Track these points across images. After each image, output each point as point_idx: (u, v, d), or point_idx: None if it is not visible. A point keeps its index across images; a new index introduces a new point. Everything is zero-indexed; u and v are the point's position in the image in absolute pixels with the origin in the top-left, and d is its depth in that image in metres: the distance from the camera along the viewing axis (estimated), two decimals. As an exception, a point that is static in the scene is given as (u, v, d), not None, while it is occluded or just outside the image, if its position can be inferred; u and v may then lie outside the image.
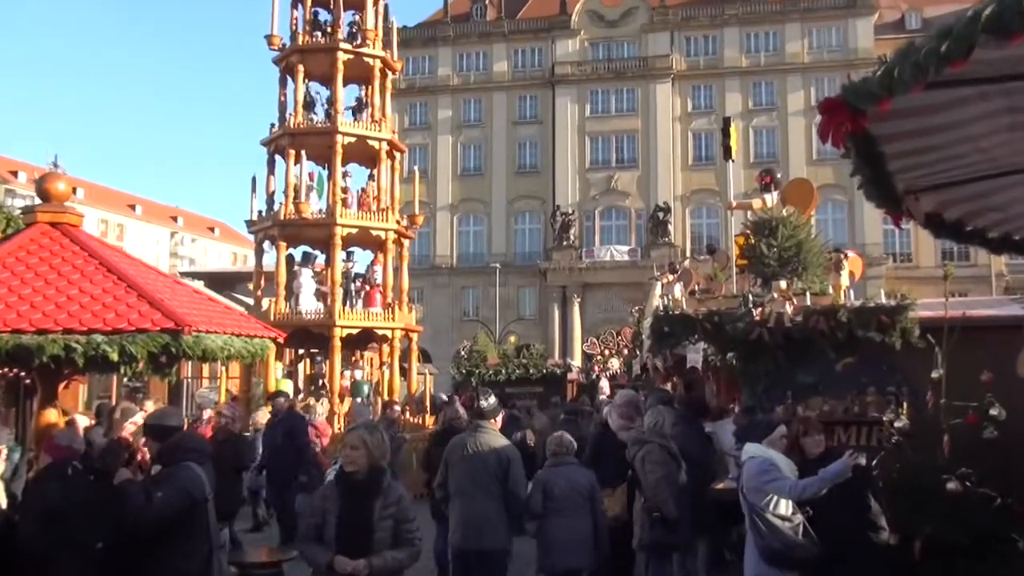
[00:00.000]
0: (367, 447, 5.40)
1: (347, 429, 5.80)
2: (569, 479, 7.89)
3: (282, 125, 18.62)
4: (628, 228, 56.58)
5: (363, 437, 5.43)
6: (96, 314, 7.38)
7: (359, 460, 5.38)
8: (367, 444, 5.41)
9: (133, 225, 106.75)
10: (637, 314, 22.66)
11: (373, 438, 5.45)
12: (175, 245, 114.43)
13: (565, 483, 7.84)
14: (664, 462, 8.13)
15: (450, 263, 58.52)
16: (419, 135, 59.55)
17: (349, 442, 5.47)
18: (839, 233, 51.84)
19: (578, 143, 57.22)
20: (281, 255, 18.02)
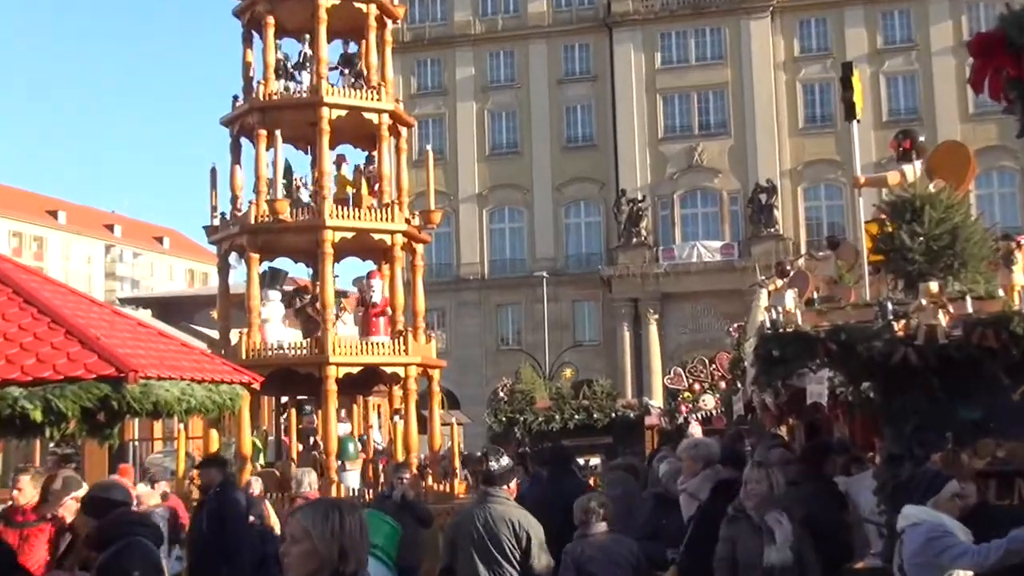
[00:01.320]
0: (313, 542, 4.45)
1: (289, 513, 4.90)
2: (607, 552, 7.98)
3: (248, 98, 18.75)
4: (720, 217, 56.35)
5: (306, 526, 4.47)
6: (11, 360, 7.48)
7: (300, 563, 4.45)
8: (313, 537, 4.46)
9: (55, 238, 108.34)
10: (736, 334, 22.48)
11: (325, 526, 4.48)
12: (112, 262, 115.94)
13: (602, 557, 7.93)
14: None
15: (480, 273, 58.64)
16: (432, 103, 59.85)
17: (288, 534, 4.58)
18: (1008, 212, 51.28)
19: (647, 105, 57.17)
20: (254, 271, 18.10)
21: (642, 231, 55.55)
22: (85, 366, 7.45)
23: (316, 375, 17.46)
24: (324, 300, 17.78)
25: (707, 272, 54.25)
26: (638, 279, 55.18)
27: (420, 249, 19.73)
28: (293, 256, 19.81)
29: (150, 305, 53.28)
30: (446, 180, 57.47)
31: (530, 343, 55.76)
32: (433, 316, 54.28)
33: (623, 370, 54.80)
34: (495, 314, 58.64)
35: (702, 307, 54.78)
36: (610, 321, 56.68)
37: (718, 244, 55.27)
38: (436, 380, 19.69)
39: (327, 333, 17.47)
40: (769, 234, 54.16)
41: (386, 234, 18.39)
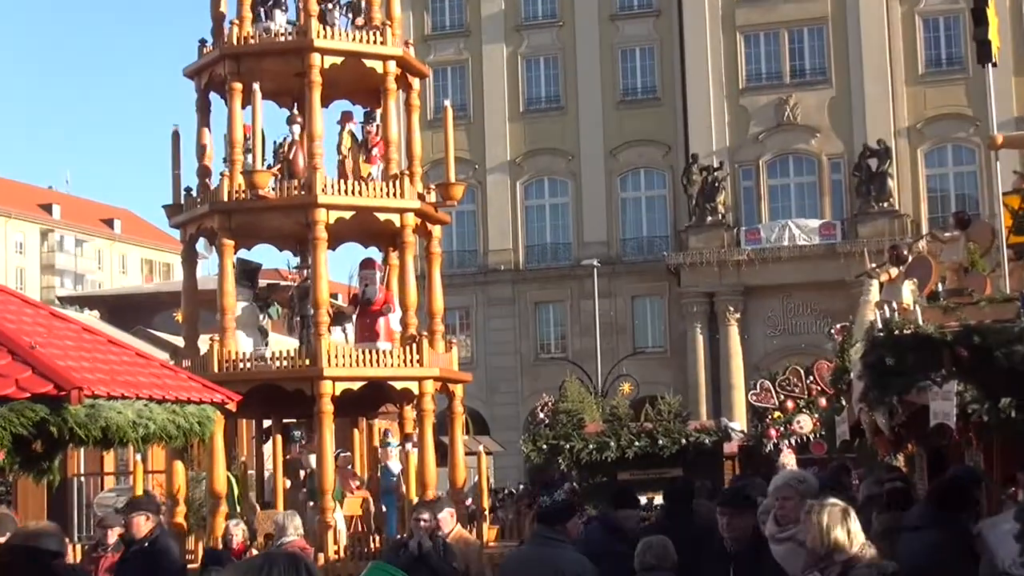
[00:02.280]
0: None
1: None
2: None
3: (218, 42, 18.82)
4: (818, 189, 56.16)
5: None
6: (-75, 376, 7.51)
7: None
8: None
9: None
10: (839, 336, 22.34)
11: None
12: (49, 251, 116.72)
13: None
14: None
15: (513, 262, 58.70)
16: (451, 47, 59.90)
17: None
18: None
19: (724, 45, 57.00)
20: (227, 260, 18.18)
21: (719, 207, 55.42)
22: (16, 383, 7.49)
23: (307, 392, 17.53)
24: (317, 298, 17.84)
25: (802, 258, 54.05)
26: (714, 268, 55.05)
27: (437, 232, 19.77)
28: (277, 242, 19.89)
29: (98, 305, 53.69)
30: (470, 144, 57.50)
31: (577, 351, 55.73)
32: (455, 317, 54.30)
33: (695, 384, 54.72)
34: (532, 314, 58.65)
35: (796, 303, 54.60)
36: (679, 322, 56.59)
37: (816, 223, 55.07)
38: (459, 398, 19.73)
39: (320, 340, 17.53)
40: (881, 210, 53.90)
41: (394, 213, 18.42)
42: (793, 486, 9.75)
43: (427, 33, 59.18)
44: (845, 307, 39.33)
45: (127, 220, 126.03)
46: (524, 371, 57.59)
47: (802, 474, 9.92)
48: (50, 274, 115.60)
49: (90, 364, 8.23)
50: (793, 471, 9.92)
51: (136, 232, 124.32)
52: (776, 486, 9.68)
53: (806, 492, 9.58)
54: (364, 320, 18.58)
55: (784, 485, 9.78)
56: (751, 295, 55.36)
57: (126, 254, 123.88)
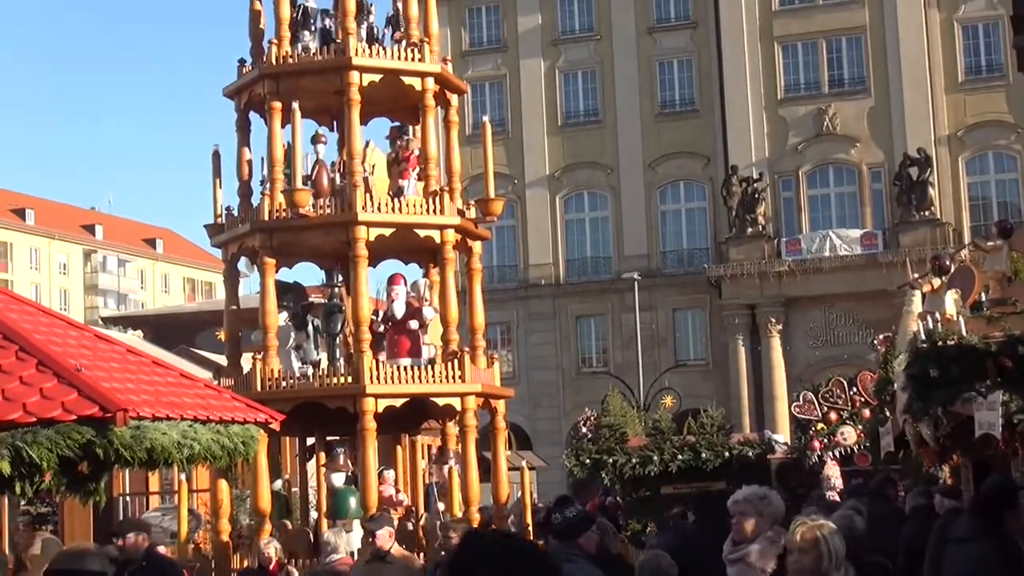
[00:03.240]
0: None
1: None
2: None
3: (257, 62, 18.91)
4: (858, 198, 55.97)
5: None
6: (-29, 398, 7.56)
7: None
8: None
9: (23, 242, 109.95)
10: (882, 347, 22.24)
11: None
12: (93, 272, 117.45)
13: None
14: None
15: (554, 277, 58.71)
16: (489, 62, 60.01)
17: None
18: None
19: (761, 56, 56.92)
20: (269, 279, 18.25)
21: (759, 218, 55.30)
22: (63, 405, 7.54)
23: (350, 410, 17.56)
24: (358, 315, 17.88)
25: (843, 269, 53.85)
26: (755, 280, 54.93)
27: (478, 248, 19.78)
28: (317, 260, 19.94)
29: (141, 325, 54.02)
30: (509, 159, 57.57)
31: (619, 364, 55.65)
32: (496, 332, 54.31)
33: (738, 396, 54.57)
34: (574, 328, 58.63)
35: (838, 314, 54.39)
36: (720, 334, 56.45)
37: (857, 233, 54.87)
38: (501, 413, 19.72)
39: (362, 357, 17.56)
40: (922, 219, 53.67)
41: (434, 230, 18.44)
42: (753, 503, 9.19)
43: (465, 49, 59.32)
44: (888, 317, 39.11)
45: (169, 240, 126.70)
46: (566, 385, 57.57)
47: (764, 491, 9.38)
48: (93, 294, 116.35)
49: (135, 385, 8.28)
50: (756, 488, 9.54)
51: (178, 251, 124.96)
52: (734, 500, 9.16)
53: (768, 512, 9.12)
54: (392, 336, 18.61)
55: (743, 501, 9.19)
56: (793, 306, 55.19)
57: (168, 273, 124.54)
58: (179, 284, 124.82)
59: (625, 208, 58.40)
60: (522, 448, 48.62)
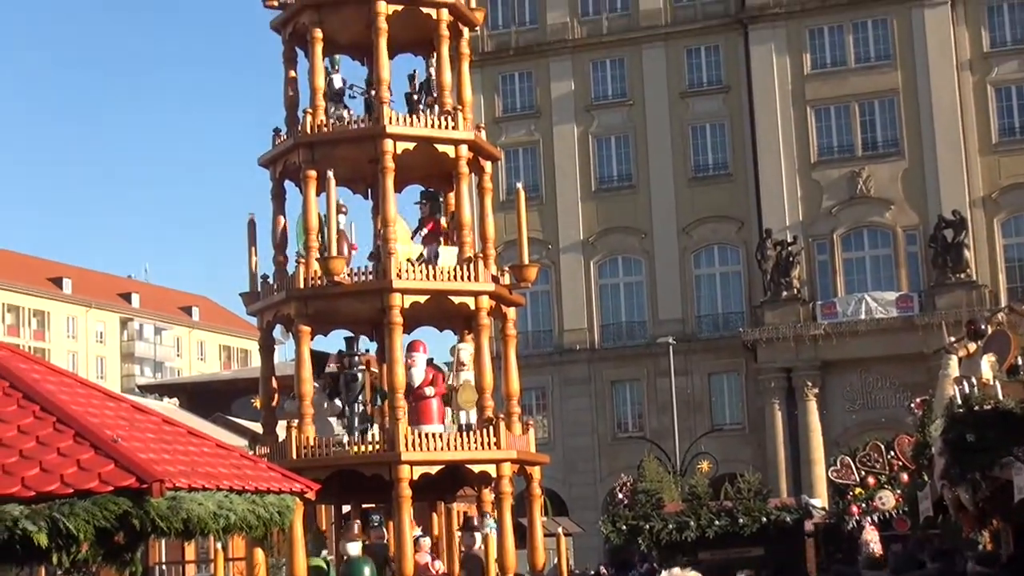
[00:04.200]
0: None
1: None
2: None
3: (292, 131, 19.05)
4: (893, 261, 55.81)
5: None
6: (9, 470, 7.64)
7: None
8: None
9: (60, 310, 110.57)
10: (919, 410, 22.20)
11: None
12: (129, 340, 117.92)
13: None
14: None
15: (589, 342, 58.65)
16: (522, 128, 60.26)
17: None
18: None
19: (794, 120, 57.01)
20: (304, 347, 18.31)
21: (794, 282, 55.19)
22: (99, 476, 7.57)
23: (386, 477, 17.54)
24: (393, 382, 17.89)
25: (879, 332, 53.66)
26: (791, 343, 54.75)
27: (512, 314, 19.79)
28: (353, 327, 19.95)
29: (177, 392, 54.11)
30: (543, 225, 57.70)
31: (655, 429, 55.49)
32: (531, 397, 54.31)
33: (775, 461, 54.29)
34: (609, 393, 58.50)
35: (874, 377, 54.12)
36: (756, 398, 56.23)
37: (893, 296, 54.70)
38: (537, 479, 19.65)
39: (397, 424, 17.56)
40: (958, 281, 53.47)
41: (469, 296, 18.47)
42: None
43: (498, 115, 59.62)
44: (925, 380, 38.97)
45: (205, 307, 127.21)
46: (602, 451, 57.39)
47: None
48: (130, 362, 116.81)
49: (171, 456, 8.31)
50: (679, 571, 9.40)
51: (214, 319, 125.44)
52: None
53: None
54: (412, 404, 18.59)
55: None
56: (829, 370, 54.96)
57: (204, 341, 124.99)
58: (215, 351, 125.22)
59: (659, 272, 58.38)
60: (558, 514, 48.43)
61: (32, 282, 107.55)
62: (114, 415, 8.75)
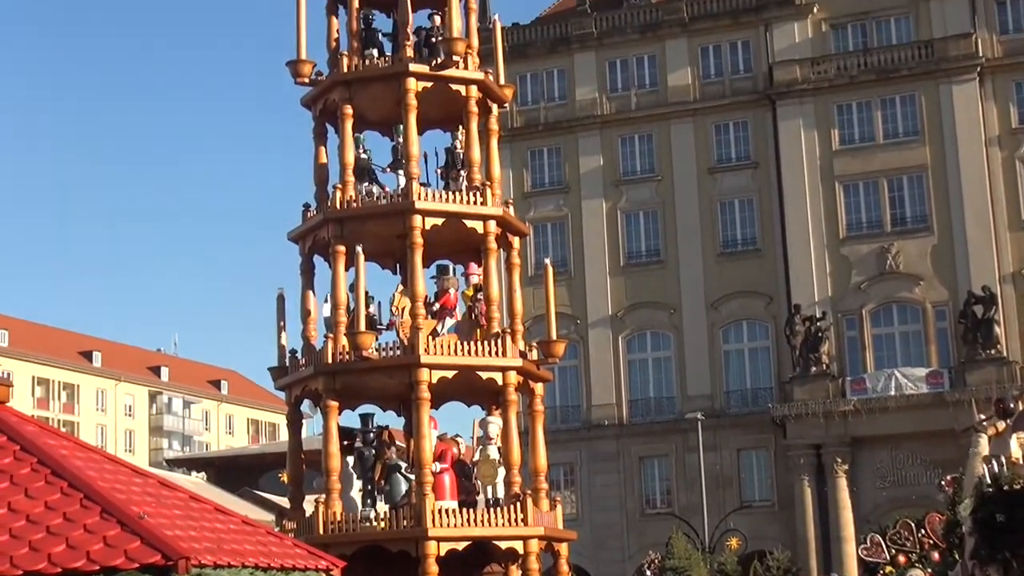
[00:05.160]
0: None
1: None
2: None
3: (322, 206, 19.17)
4: (923, 337, 55.55)
5: None
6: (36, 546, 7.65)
7: None
8: None
9: (89, 384, 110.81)
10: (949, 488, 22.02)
11: None
12: (158, 414, 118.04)
13: None
14: None
15: (617, 417, 58.43)
16: (550, 203, 60.39)
17: None
18: None
19: (823, 195, 57.01)
20: (332, 422, 18.35)
21: (823, 358, 54.97)
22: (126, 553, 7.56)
23: (412, 553, 17.49)
24: (420, 457, 17.88)
25: (909, 408, 53.31)
26: (820, 420, 54.42)
27: (540, 389, 19.80)
28: (380, 402, 20.01)
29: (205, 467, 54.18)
30: (571, 300, 57.67)
31: (684, 505, 55.15)
32: (559, 473, 54.09)
33: (804, 538, 53.80)
34: (638, 469, 58.19)
35: (904, 454, 53.70)
36: (786, 475, 55.85)
37: (922, 372, 54.39)
38: (564, 556, 19.60)
39: (425, 499, 17.54)
40: (988, 357, 53.16)
41: (497, 372, 18.49)
42: None
43: (527, 190, 59.78)
44: (956, 457, 38.65)
45: (234, 381, 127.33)
46: (630, 527, 57.01)
47: None
48: (158, 436, 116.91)
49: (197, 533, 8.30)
50: None
51: (242, 393, 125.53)
52: None
53: None
54: (439, 481, 18.53)
55: None
56: (859, 446, 54.60)
57: (233, 415, 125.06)
58: (243, 425, 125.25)
59: (688, 348, 58.23)
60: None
61: (62, 355, 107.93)
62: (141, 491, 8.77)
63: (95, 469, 8.65)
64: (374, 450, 18.68)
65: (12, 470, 8.29)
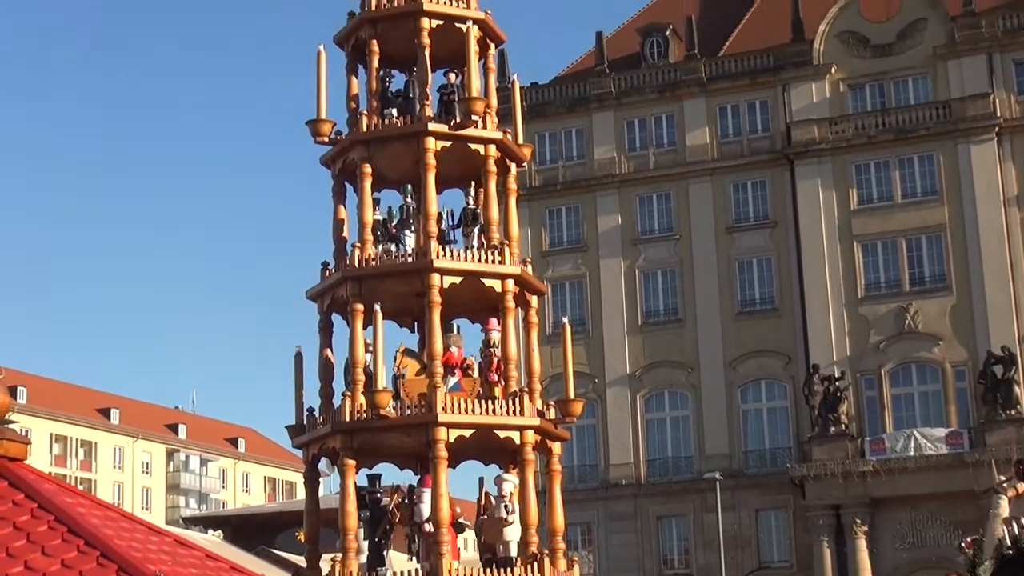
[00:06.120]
0: None
1: None
2: None
3: (339, 265, 19.18)
4: (943, 397, 55.44)
5: None
6: (52, 604, 7.61)
7: None
8: None
9: (107, 441, 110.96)
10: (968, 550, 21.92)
11: None
12: (175, 471, 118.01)
13: None
14: None
15: (635, 477, 58.32)
16: (568, 262, 60.53)
17: None
18: None
19: (841, 254, 57.06)
20: (349, 480, 18.27)
21: (842, 417, 54.85)
22: (141, 612, 7.57)
23: (428, 617, 17.38)
24: (438, 517, 17.81)
25: (929, 469, 53.17)
26: (839, 480, 54.26)
27: (557, 448, 19.70)
28: (398, 460, 19.92)
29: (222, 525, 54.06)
30: (589, 358, 57.69)
31: (702, 566, 55.00)
32: (576, 533, 53.92)
33: (825, 599, 53.61)
34: (655, 529, 58.04)
35: (924, 515, 53.49)
36: (805, 535, 55.63)
37: (942, 432, 54.24)
38: (582, 617, 19.43)
39: (441, 560, 17.45)
40: (1008, 418, 53.03)
41: (514, 431, 18.42)
42: None
43: (545, 249, 59.94)
44: (976, 518, 38.51)
45: (251, 439, 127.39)
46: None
47: None
48: (175, 493, 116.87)
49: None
50: None
51: (260, 451, 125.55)
52: None
53: None
54: (427, 539, 18.48)
55: None
56: (878, 507, 54.39)
57: (250, 472, 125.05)
58: (260, 483, 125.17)
59: (706, 407, 58.17)
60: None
61: (80, 412, 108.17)
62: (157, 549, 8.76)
63: (112, 527, 8.65)
64: (382, 510, 18.62)
65: (30, 528, 8.30)
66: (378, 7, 19.74)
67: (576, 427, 44.23)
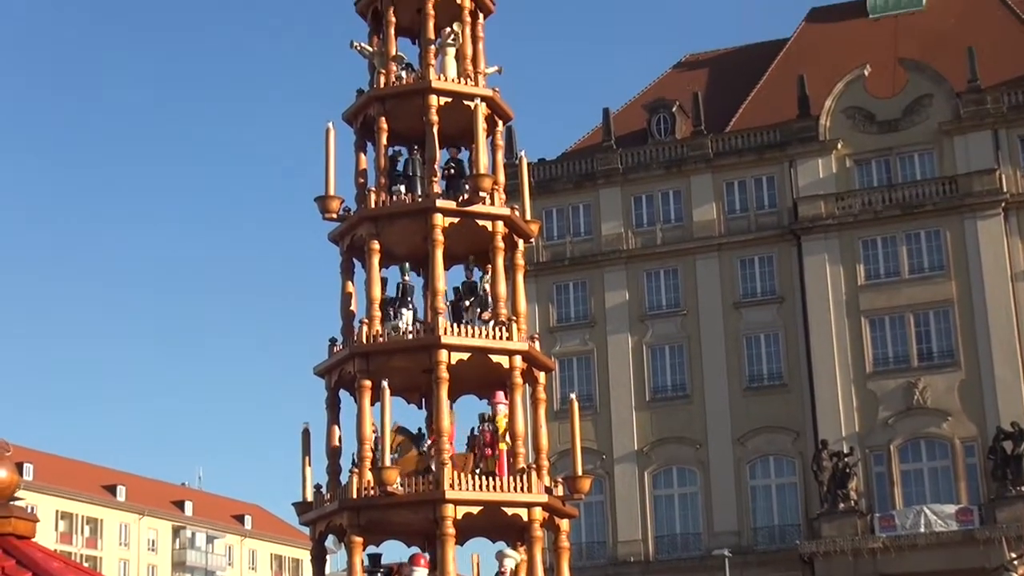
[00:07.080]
0: None
1: None
2: None
3: (348, 341, 19.21)
4: (952, 473, 55.17)
5: None
6: None
7: None
8: None
9: (112, 518, 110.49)
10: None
11: None
12: (181, 548, 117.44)
13: None
14: None
15: (643, 554, 58.00)
16: (576, 338, 60.46)
17: None
18: None
19: (848, 330, 57.01)
20: (356, 558, 18.24)
21: (851, 494, 54.59)
22: None
23: None
24: (445, 595, 17.72)
25: (940, 546, 52.76)
26: (848, 557, 53.90)
27: (565, 525, 19.66)
28: (405, 538, 19.86)
29: (228, 602, 53.72)
30: (597, 435, 57.53)
31: (712, 643, 54.54)
32: (585, 610, 53.55)
33: (835, 677, 53.11)
34: (664, 606, 57.66)
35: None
36: (815, 612, 55.25)
37: (952, 508, 53.93)
38: None
39: (451, 637, 17.35)
40: (1018, 494, 52.66)
41: (522, 508, 18.39)
42: None
43: (553, 324, 59.91)
44: (987, 596, 38.29)
45: (258, 516, 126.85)
46: (658, 665, 56.42)
47: None
48: (181, 571, 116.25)
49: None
50: None
51: (266, 528, 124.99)
52: None
53: None
54: None
55: None
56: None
57: (256, 550, 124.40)
58: (267, 560, 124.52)
59: (714, 483, 57.93)
60: None
61: (86, 489, 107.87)
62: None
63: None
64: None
65: (36, 607, 8.26)
66: (387, 85, 19.92)
67: (584, 503, 44.02)
